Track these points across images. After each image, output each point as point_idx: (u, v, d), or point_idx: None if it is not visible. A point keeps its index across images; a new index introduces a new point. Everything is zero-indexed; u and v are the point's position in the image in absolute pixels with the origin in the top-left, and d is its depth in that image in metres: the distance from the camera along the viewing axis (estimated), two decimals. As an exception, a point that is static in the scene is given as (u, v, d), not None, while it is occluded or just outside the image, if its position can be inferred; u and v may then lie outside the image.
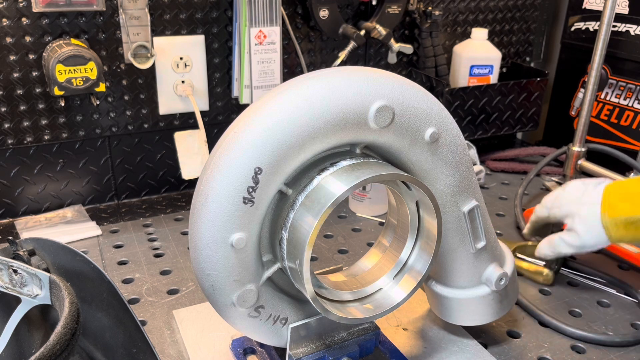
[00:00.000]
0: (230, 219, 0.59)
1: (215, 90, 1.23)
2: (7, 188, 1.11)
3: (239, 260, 0.61)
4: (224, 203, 0.58)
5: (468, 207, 0.71)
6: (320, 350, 0.69)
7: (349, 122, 0.60)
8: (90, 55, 1.00)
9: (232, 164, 0.57)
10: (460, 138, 0.68)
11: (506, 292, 0.78)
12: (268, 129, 0.57)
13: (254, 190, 0.58)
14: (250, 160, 0.57)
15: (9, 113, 1.07)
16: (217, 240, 0.59)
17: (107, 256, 1.02)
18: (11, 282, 0.62)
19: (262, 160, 0.57)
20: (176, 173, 1.24)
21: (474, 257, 0.74)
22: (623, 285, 0.93)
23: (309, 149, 0.59)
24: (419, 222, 0.69)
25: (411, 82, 0.65)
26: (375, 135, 0.62)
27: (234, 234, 0.59)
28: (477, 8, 1.47)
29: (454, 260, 0.74)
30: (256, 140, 0.57)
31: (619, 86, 1.36)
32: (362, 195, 1.17)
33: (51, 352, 0.52)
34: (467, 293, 0.76)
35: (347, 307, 0.68)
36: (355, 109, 0.60)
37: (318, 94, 0.59)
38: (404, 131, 0.63)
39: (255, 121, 0.58)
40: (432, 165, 0.67)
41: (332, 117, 0.59)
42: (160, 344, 0.79)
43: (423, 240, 0.69)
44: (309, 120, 0.58)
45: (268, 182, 0.59)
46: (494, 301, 0.77)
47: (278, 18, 1.14)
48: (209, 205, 0.58)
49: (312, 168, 0.62)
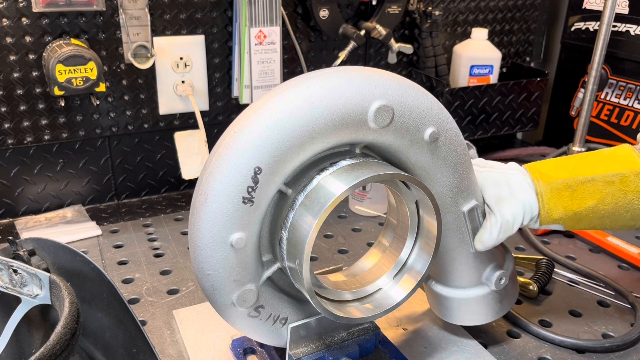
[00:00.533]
0: (229, 218, 0.59)
1: (215, 90, 1.23)
2: (7, 188, 1.11)
3: (239, 260, 0.61)
4: (223, 203, 0.58)
5: (468, 207, 0.71)
6: (320, 350, 0.69)
7: (348, 122, 0.60)
8: (90, 55, 1.00)
9: (231, 164, 0.57)
10: (459, 138, 0.68)
11: (506, 291, 0.78)
12: (267, 129, 0.57)
13: (254, 190, 0.58)
14: (249, 160, 0.57)
15: (9, 113, 1.07)
16: (217, 240, 0.59)
17: (107, 256, 1.02)
18: (11, 282, 0.62)
19: (261, 160, 0.57)
20: (176, 173, 1.24)
21: (474, 256, 0.74)
22: (617, 289, 0.92)
23: (308, 148, 0.59)
24: (418, 222, 0.69)
25: (411, 82, 0.65)
26: (375, 135, 0.62)
27: (234, 234, 0.59)
28: (477, 8, 1.47)
29: (453, 259, 0.74)
30: (256, 140, 0.57)
31: (619, 86, 1.36)
32: (362, 195, 1.17)
33: (51, 352, 0.52)
34: (467, 293, 0.76)
35: (346, 306, 0.68)
36: (354, 108, 0.60)
37: (317, 94, 0.59)
38: (404, 131, 0.63)
39: (255, 121, 0.58)
40: (431, 164, 0.67)
41: (332, 117, 0.59)
42: (160, 344, 0.79)
43: (423, 240, 0.69)
44: (309, 120, 0.58)
45: (268, 182, 0.59)
46: (493, 301, 0.77)
47: (278, 18, 1.14)
48: (209, 205, 0.58)
49: (312, 168, 0.62)
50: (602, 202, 0.70)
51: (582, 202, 0.71)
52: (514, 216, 0.70)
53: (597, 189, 0.70)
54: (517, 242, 1.08)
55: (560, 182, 0.71)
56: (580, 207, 0.71)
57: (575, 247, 1.07)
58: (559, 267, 0.99)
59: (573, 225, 0.73)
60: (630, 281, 0.96)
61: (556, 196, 0.71)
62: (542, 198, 0.71)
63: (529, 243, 1.08)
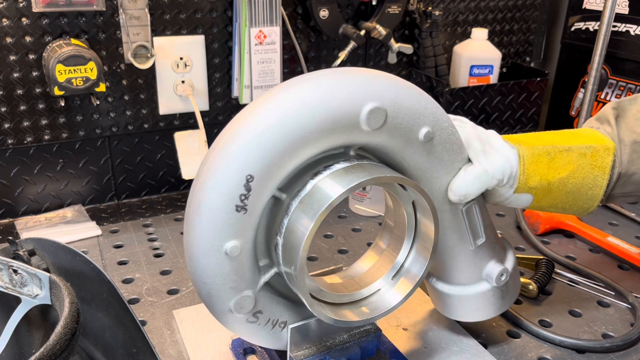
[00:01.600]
0: (223, 227, 0.58)
1: (215, 90, 1.23)
2: (7, 188, 1.11)
3: (234, 268, 0.61)
4: (216, 212, 0.57)
5: (466, 205, 0.71)
6: (321, 352, 0.69)
7: (340, 125, 0.59)
8: (90, 55, 1.00)
9: (222, 172, 0.57)
10: (455, 136, 0.68)
11: (507, 287, 0.77)
12: (258, 136, 0.56)
13: (247, 198, 0.57)
14: (241, 169, 0.56)
15: (9, 113, 1.07)
16: (212, 248, 0.59)
17: (107, 256, 1.02)
18: (11, 282, 0.62)
19: (253, 168, 0.57)
20: (176, 173, 1.24)
21: (474, 254, 0.74)
22: (617, 290, 0.92)
23: (301, 153, 0.59)
24: (415, 224, 0.69)
25: (405, 81, 0.64)
26: (369, 137, 0.62)
27: (228, 242, 0.59)
28: (477, 8, 1.47)
29: (453, 257, 0.74)
30: (246, 147, 0.56)
31: (619, 86, 1.36)
32: (362, 195, 1.17)
33: (51, 352, 0.52)
34: (468, 290, 0.76)
35: (343, 309, 0.68)
36: (347, 111, 0.59)
37: (309, 97, 0.58)
38: (398, 132, 0.63)
39: (245, 129, 0.57)
40: (427, 164, 0.66)
41: (324, 121, 0.58)
42: (160, 344, 0.79)
43: (420, 243, 0.69)
44: (300, 125, 0.57)
45: (260, 188, 0.58)
46: (495, 297, 0.77)
47: (278, 18, 1.14)
48: (202, 215, 0.58)
49: (306, 172, 0.61)
50: (573, 175, 0.72)
51: (557, 172, 0.71)
52: (495, 169, 0.69)
53: (571, 159, 0.71)
54: (517, 242, 1.08)
55: (541, 147, 0.71)
56: (554, 177, 0.71)
57: (575, 247, 1.07)
58: (559, 267, 0.99)
59: (540, 199, 0.73)
60: (630, 281, 0.96)
61: (536, 162, 0.70)
62: (523, 161, 0.70)
63: (529, 243, 1.08)
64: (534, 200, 0.73)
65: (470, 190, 0.69)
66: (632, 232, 1.13)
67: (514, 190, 0.71)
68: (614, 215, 1.19)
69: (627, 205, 1.21)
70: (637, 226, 1.15)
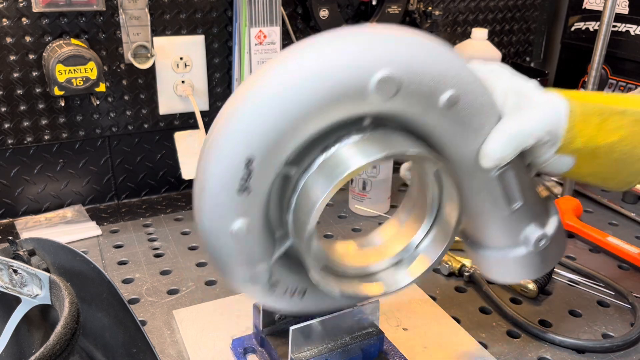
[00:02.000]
0: (227, 209, 0.57)
1: (215, 90, 1.23)
2: (7, 188, 1.11)
3: (244, 246, 0.59)
4: (219, 195, 0.56)
5: (500, 170, 0.63)
6: (323, 354, 0.69)
7: (347, 97, 0.54)
8: (90, 55, 1.00)
9: (221, 155, 0.55)
10: (486, 97, 0.60)
11: (547, 251, 0.70)
12: (254, 115, 0.53)
13: (249, 179, 0.55)
14: (239, 150, 0.54)
15: (9, 113, 1.07)
16: (219, 230, 0.58)
17: (107, 256, 1.02)
18: (11, 282, 0.62)
19: (252, 149, 0.54)
20: (176, 173, 1.24)
21: (509, 219, 0.67)
22: (617, 290, 0.92)
23: (303, 129, 0.55)
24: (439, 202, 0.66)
25: (425, 38, 0.57)
26: (381, 107, 0.56)
27: (234, 223, 0.57)
28: (477, 8, 1.47)
29: (486, 222, 0.68)
30: (243, 128, 0.54)
31: (619, 86, 1.36)
32: (362, 195, 1.17)
33: (51, 352, 0.52)
34: (504, 253, 0.70)
35: (351, 283, 0.66)
36: (353, 82, 0.53)
37: (308, 69, 0.53)
38: (415, 98, 0.56)
39: (241, 108, 0.54)
40: (452, 130, 0.60)
41: (327, 94, 0.53)
42: (160, 344, 0.79)
43: (439, 226, 0.67)
44: (300, 100, 0.53)
45: (263, 168, 0.56)
46: (534, 260, 0.70)
47: (278, 18, 1.14)
48: (205, 198, 0.57)
49: (316, 145, 0.58)
50: (623, 141, 0.63)
51: (607, 135, 0.63)
52: (533, 125, 0.60)
53: (624, 124, 0.63)
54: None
55: (593, 105, 0.62)
56: (603, 140, 0.63)
57: (575, 247, 1.07)
58: (559, 267, 0.99)
59: (582, 164, 0.65)
60: (630, 281, 0.96)
61: (586, 120, 0.61)
62: (574, 117, 0.60)
63: (529, 243, 1.08)
64: (575, 165, 0.64)
65: (505, 153, 0.60)
66: (632, 232, 1.13)
67: (556, 150, 0.63)
68: (614, 215, 1.19)
69: (627, 205, 1.21)
70: (637, 226, 1.15)
